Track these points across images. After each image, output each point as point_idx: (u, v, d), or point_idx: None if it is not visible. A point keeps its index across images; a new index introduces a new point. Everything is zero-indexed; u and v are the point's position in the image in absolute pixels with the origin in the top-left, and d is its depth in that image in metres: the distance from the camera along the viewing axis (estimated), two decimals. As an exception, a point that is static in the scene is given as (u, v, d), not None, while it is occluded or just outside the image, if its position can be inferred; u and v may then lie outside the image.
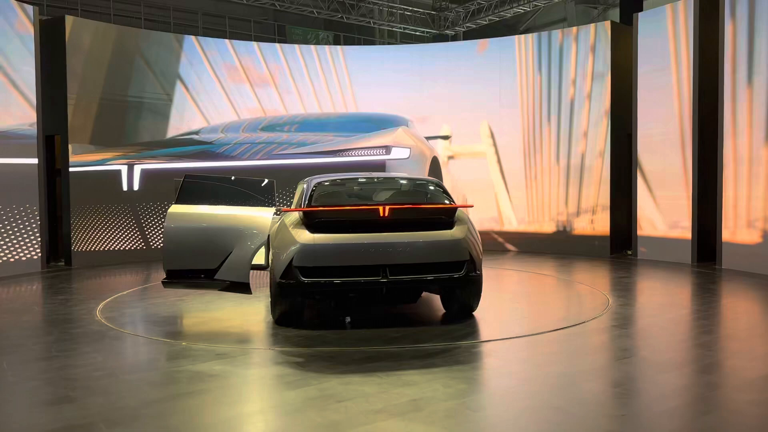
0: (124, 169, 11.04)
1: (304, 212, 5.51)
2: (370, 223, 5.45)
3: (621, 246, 11.27)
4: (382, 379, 4.16)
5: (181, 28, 17.22)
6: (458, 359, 4.74)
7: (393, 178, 6.82)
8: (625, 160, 11.20)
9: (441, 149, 13.03)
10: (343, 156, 12.66)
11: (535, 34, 12.41)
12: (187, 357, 4.81)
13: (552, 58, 11.86)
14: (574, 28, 11.90)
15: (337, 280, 5.38)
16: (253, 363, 4.75)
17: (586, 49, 11.43)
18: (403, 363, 4.56)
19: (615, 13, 17.47)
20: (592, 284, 8.17)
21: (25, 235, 9.75)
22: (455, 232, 5.59)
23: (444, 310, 6.34)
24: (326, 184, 6.21)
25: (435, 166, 12.97)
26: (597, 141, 11.30)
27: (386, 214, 5.35)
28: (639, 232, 10.64)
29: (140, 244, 11.26)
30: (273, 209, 6.30)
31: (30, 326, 6.14)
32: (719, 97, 9.29)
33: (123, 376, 4.41)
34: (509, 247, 12.28)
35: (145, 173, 11.25)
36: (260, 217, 6.08)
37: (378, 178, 6.82)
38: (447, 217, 5.68)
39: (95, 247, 10.74)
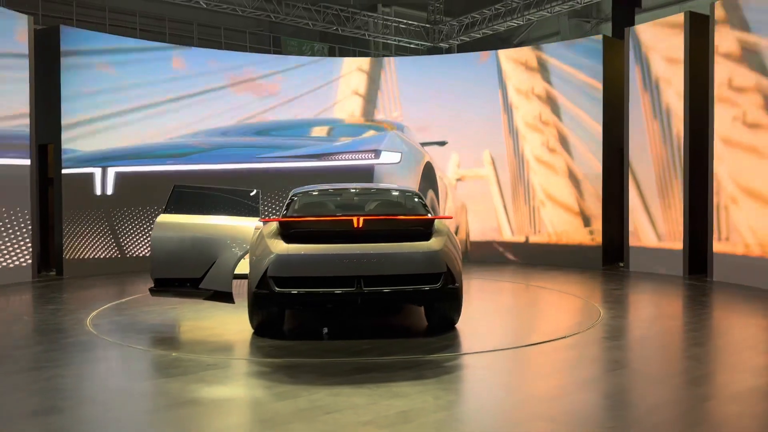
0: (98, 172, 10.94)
1: (280, 222, 5.56)
2: (344, 234, 5.46)
3: (613, 258, 11.32)
4: (372, 391, 4.15)
5: (176, 39, 17.29)
6: (449, 371, 4.74)
7: (372, 189, 6.78)
8: (617, 172, 11.26)
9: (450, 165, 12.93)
10: (329, 160, 12.56)
11: (526, 47, 12.53)
12: (177, 367, 4.79)
13: (544, 72, 11.95)
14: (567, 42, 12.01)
15: (311, 291, 5.40)
16: (242, 374, 4.73)
17: (579, 62, 11.53)
18: (393, 374, 4.55)
19: (608, 27, 17.64)
20: (584, 296, 8.18)
21: (16, 243, 9.71)
22: (432, 244, 5.52)
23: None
24: (305, 194, 6.27)
25: (429, 172, 12.94)
26: (590, 154, 11.37)
27: (360, 225, 5.38)
28: (631, 245, 10.69)
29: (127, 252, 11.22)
30: (257, 219, 6.34)
31: (20, 336, 6.10)
32: (709, 111, 9.38)
33: (112, 387, 4.39)
34: (508, 257, 12.32)
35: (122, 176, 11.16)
36: (244, 226, 6.14)
37: (357, 188, 6.81)
38: (424, 228, 5.63)
39: (87, 256, 10.69)
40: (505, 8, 17.96)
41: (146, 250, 11.31)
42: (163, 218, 6.13)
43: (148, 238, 11.19)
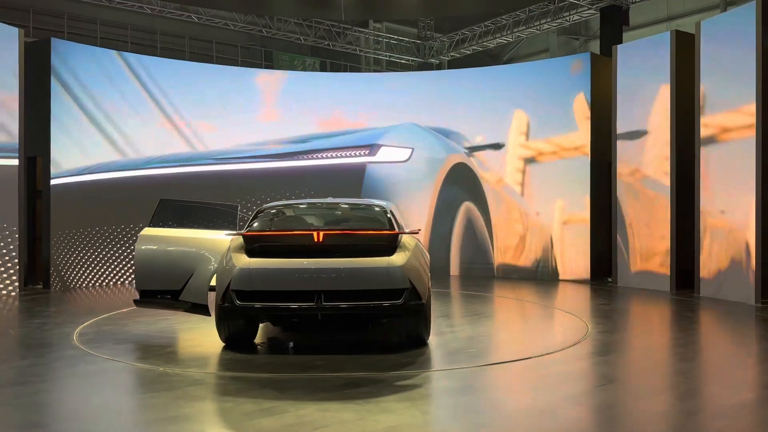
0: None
1: (244, 236, 5.60)
2: (305, 248, 5.48)
3: (602, 273, 11.37)
4: (360, 406, 4.14)
5: (168, 53, 17.32)
6: (438, 386, 4.73)
7: (341, 204, 6.66)
8: (605, 188, 11.36)
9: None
10: (311, 158, 11.65)
11: (516, 64, 12.64)
12: (164, 383, 4.75)
13: (532, 89, 12.06)
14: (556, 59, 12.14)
15: (272, 305, 5.43)
16: (230, 389, 4.70)
17: (567, 80, 11.65)
18: (382, 389, 4.54)
19: (596, 45, 17.86)
20: (572, 311, 8.21)
21: (2, 256, 9.62)
22: (394, 259, 5.44)
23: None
24: (272, 208, 6.30)
25: (461, 175, 11.66)
26: (579, 169, 11.46)
27: (320, 240, 5.39)
28: (619, 259, 10.75)
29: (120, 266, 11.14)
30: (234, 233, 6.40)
31: (5, 350, 6.03)
32: (696, 126, 9.51)
33: (97, 402, 4.34)
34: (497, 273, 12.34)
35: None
36: (221, 239, 6.21)
37: (325, 203, 6.77)
38: (387, 243, 5.58)
39: (74, 269, 10.61)
40: (495, 25, 18.17)
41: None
42: (147, 231, 6.29)
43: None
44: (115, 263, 11.13)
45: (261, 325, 6.46)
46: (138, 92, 11.52)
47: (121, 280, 11.12)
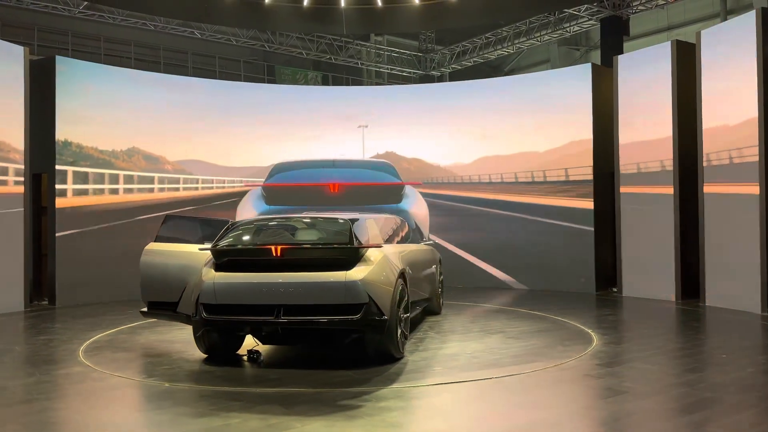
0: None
1: (211, 251, 5.74)
2: (266, 262, 5.56)
3: (606, 283, 11.35)
4: (367, 421, 4.14)
5: (171, 68, 17.45)
6: (445, 399, 4.73)
7: (309, 218, 6.58)
8: (609, 197, 11.36)
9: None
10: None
11: (517, 76, 12.71)
12: (170, 399, 4.76)
13: (534, 99, 12.11)
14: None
15: (235, 319, 5.56)
16: (235, 404, 4.69)
17: (568, 90, 11.69)
18: (385, 404, 4.54)
19: (597, 55, 17.93)
20: (577, 321, 8.18)
21: (7, 272, 9.65)
22: (353, 273, 5.40)
23: (432, 349, 6.32)
24: (242, 223, 6.37)
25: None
26: (581, 178, 11.48)
27: (278, 254, 5.44)
28: (623, 269, 10.73)
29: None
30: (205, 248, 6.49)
31: (11, 367, 6.05)
32: (698, 136, 9.53)
33: (104, 420, 4.35)
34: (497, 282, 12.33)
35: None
36: (207, 254, 6.27)
37: (294, 218, 6.71)
38: (347, 257, 5.54)
39: (80, 285, 10.63)
40: (496, 37, 18.26)
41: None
42: (151, 246, 6.55)
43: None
44: (121, 279, 11.15)
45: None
46: (142, 108, 11.60)
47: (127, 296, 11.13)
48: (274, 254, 5.44)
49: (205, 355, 6.12)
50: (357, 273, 5.43)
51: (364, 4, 13.04)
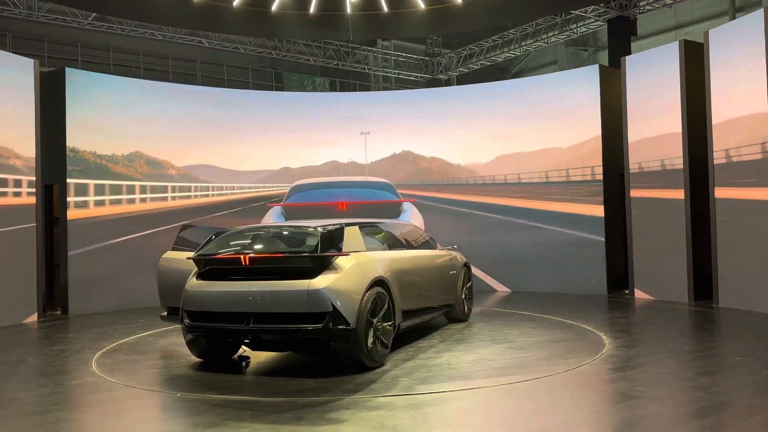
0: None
1: (194, 260, 5.98)
2: (238, 271, 5.75)
3: (618, 285, 11.28)
4: (378, 430, 4.13)
5: (180, 77, 17.58)
6: (455, 406, 4.71)
7: (285, 227, 6.54)
8: (619, 200, 11.30)
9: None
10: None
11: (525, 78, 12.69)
12: (183, 408, 4.78)
13: (542, 101, 12.09)
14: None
15: (211, 325, 5.80)
16: (247, 414, 4.70)
17: (576, 91, 11.66)
18: (398, 411, 4.53)
19: (605, 56, 17.86)
20: (589, 324, 8.14)
21: (21, 282, 9.74)
22: (316, 282, 5.44)
23: (440, 356, 6.30)
24: (223, 233, 6.45)
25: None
26: (591, 180, 11.44)
27: (247, 263, 5.60)
28: (635, 271, 10.66)
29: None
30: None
31: (24, 378, 6.09)
32: (708, 137, 9.46)
33: (118, 429, 4.37)
34: (504, 287, 12.29)
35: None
36: None
37: (270, 226, 6.71)
38: (314, 265, 5.55)
39: (92, 295, 10.71)
40: (503, 39, 18.24)
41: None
42: (167, 254, 6.94)
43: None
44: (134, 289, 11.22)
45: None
46: (151, 118, 11.69)
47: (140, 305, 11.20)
48: (243, 263, 5.62)
49: (202, 359, 6.36)
50: (321, 281, 5.48)
51: (370, 10, 13.07)
